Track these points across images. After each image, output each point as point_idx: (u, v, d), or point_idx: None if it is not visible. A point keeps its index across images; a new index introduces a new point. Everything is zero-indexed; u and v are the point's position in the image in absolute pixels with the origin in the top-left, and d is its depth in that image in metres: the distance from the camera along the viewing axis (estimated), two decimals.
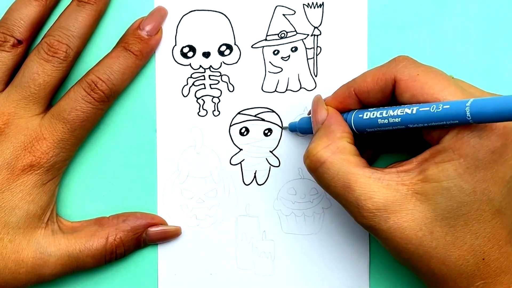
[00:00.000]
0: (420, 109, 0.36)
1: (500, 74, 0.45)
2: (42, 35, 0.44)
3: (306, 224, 0.46)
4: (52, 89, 0.43)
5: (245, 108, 0.45)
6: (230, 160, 0.46)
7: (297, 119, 0.45)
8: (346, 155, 0.38)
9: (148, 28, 0.44)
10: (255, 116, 0.45)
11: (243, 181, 0.46)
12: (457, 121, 0.35)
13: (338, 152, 0.38)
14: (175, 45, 0.45)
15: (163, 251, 0.46)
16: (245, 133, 0.45)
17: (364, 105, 0.40)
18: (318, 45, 0.45)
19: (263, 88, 0.45)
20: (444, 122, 0.35)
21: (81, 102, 0.42)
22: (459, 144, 0.35)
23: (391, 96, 0.38)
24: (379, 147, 0.44)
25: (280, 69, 0.45)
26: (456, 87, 0.36)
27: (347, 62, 0.45)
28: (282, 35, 0.45)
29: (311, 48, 0.45)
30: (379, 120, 0.38)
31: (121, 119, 0.45)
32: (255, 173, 0.46)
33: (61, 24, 0.43)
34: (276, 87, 0.45)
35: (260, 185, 0.46)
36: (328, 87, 0.45)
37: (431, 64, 0.44)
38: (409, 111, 0.36)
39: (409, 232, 0.37)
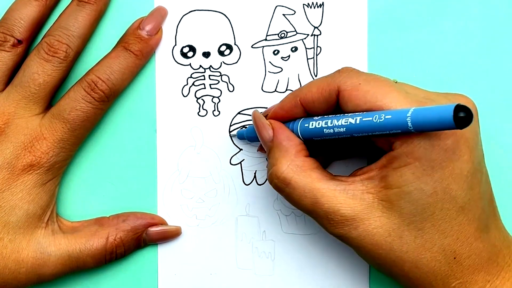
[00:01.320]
0: (363, 119, 0.36)
1: (500, 74, 0.45)
2: (42, 35, 0.44)
3: (306, 224, 0.46)
4: (52, 89, 0.43)
5: (245, 108, 0.45)
6: (230, 160, 0.46)
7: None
8: (308, 171, 0.39)
9: (148, 28, 0.44)
10: None
11: (243, 181, 0.46)
12: (399, 131, 0.35)
13: (300, 170, 0.39)
14: (175, 45, 0.45)
15: (163, 251, 0.46)
16: None
17: (309, 114, 0.40)
18: (318, 45, 0.45)
19: (263, 88, 0.45)
20: (388, 132, 0.35)
21: (81, 102, 0.42)
22: (411, 148, 0.36)
23: (336, 105, 0.39)
24: (331, 153, 0.44)
25: (280, 69, 0.45)
26: (398, 92, 0.36)
27: (347, 62, 0.45)
28: (282, 35, 0.45)
29: (311, 48, 0.45)
30: (324, 129, 0.38)
31: (121, 119, 0.45)
32: (255, 173, 0.46)
33: (61, 24, 0.43)
34: (276, 87, 0.45)
35: (260, 185, 0.46)
36: None
37: (432, 64, 0.44)
38: (353, 121, 0.37)
39: (379, 238, 0.37)
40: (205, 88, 0.45)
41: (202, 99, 0.45)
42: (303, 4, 0.45)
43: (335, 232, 0.38)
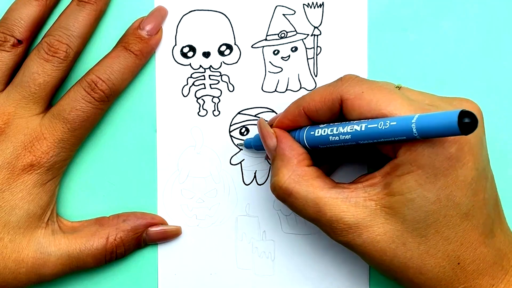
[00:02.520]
0: (369, 126, 0.36)
1: (500, 74, 0.45)
2: (42, 35, 0.44)
3: (306, 224, 0.46)
4: (52, 88, 0.43)
5: (245, 108, 0.45)
6: (230, 160, 0.46)
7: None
8: (310, 180, 0.39)
9: (148, 28, 0.44)
10: (255, 116, 0.45)
11: (243, 181, 0.46)
12: (404, 137, 0.35)
13: (301, 180, 0.39)
14: (175, 45, 0.45)
15: (163, 251, 0.46)
16: (245, 133, 0.45)
17: (314, 122, 0.40)
18: (318, 45, 0.45)
19: (263, 88, 0.45)
20: (393, 138, 0.35)
21: (81, 102, 0.42)
22: (414, 156, 0.36)
23: (340, 114, 0.39)
24: (336, 160, 0.44)
25: (280, 69, 0.45)
26: (402, 99, 0.36)
27: (347, 62, 0.45)
28: (282, 35, 0.45)
29: (311, 48, 0.45)
30: (330, 137, 0.38)
31: (121, 119, 0.45)
32: (255, 173, 0.46)
33: (61, 23, 0.43)
34: (276, 87, 0.45)
35: (260, 185, 0.46)
36: None
37: (432, 64, 0.44)
38: (358, 128, 0.37)
39: (382, 245, 0.37)
40: (205, 88, 0.45)
41: (202, 99, 0.45)
42: (303, 4, 0.45)
43: (340, 240, 0.39)
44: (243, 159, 0.46)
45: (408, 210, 0.36)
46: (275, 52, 0.45)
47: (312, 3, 0.45)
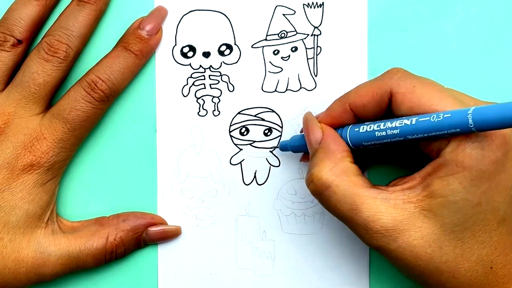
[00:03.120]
0: (420, 120, 0.35)
1: (500, 75, 0.45)
2: (42, 34, 0.44)
3: (306, 224, 0.46)
4: (52, 88, 0.43)
5: (245, 108, 0.45)
6: (230, 160, 0.46)
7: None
8: (351, 176, 0.38)
9: (148, 27, 0.44)
10: (255, 116, 0.45)
11: (243, 181, 0.46)
12: (459, 130, 0.34)
13: (343, 174, 0.38)
14: (175, 45, 0.45)
15: (163, 251, 0.46)
16: (245, 133, 0.45)
17: (359, 120, 0.40)
18: (318, 45, 0.45)
19: (263, 88, 0.45)
20: (445, 131, 0.34)
21: (81, 102, 0.42)
22: (461, 157, 0.35)
23: (387, 109, 0.38)
24: (370, 160, 0.44)
25: (280, 69, 0.45)
26: (453, 98, 0.36)
27: (347, 62, 0.45)
28: (282, 35, 0.45)
29: (311, 48, 0.45)
30: (376, 132, 0.38)
31: (121, 119, 0.45)
32: (255, 173, 0.46)
33: (61, 23, 0.43)
34: (276, 87, 0.45)
35: (260, 185, 0.46)
36: (328, 87, 0.45)
37: (432, 64, 0.44)
38: (408, 122, 0.36)
39: (419, 249, 0.37)
40: (205, 88, 0.45)
41: (202, 99, 0.45)
42: (303, 4, 0.45)
43: (373, 244, 0.37)
44: (243, 159, 0.46)
45: (448, 213, 0.36)
46: (275, 52, 0.45)
47: (312, 3, 0.45)
